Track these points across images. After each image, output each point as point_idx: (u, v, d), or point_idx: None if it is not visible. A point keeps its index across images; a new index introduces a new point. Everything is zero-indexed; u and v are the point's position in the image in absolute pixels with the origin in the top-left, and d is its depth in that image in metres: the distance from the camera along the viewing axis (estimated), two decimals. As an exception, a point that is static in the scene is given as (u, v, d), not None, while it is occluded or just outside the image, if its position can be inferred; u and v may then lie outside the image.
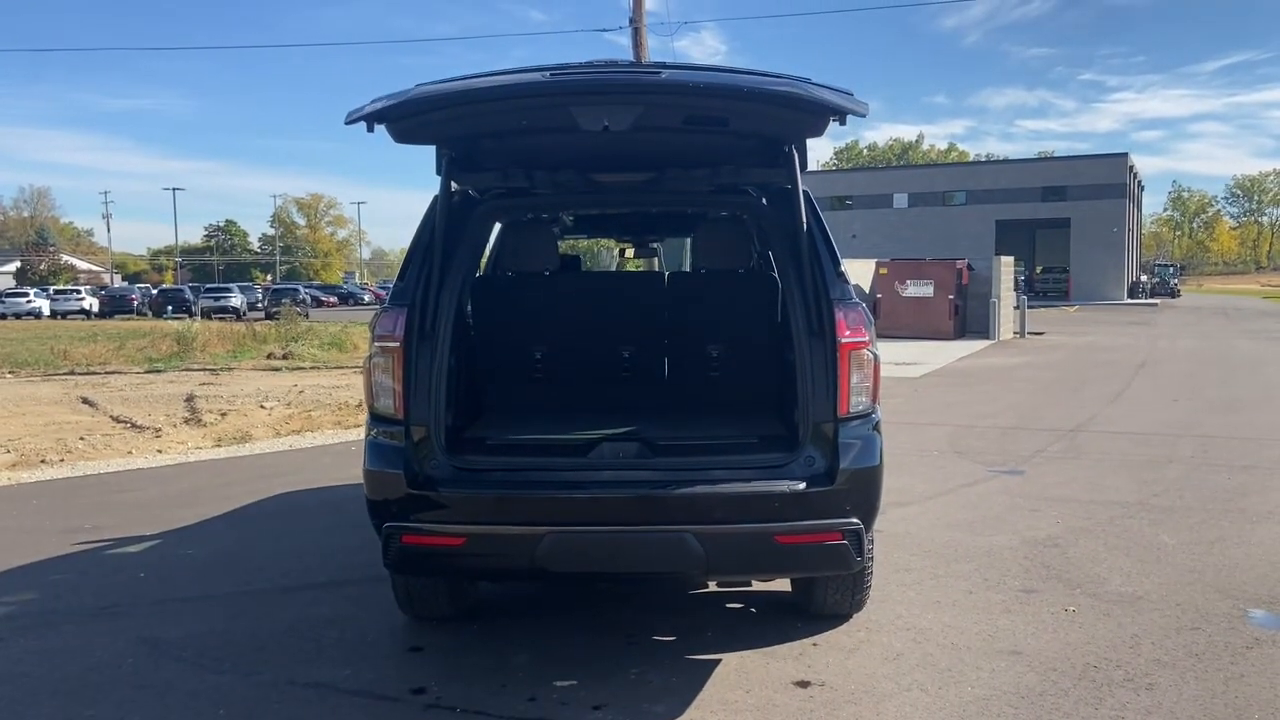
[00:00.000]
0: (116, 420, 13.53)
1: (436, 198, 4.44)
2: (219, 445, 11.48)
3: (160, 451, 11.17)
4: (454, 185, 4.60)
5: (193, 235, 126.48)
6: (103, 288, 69.43)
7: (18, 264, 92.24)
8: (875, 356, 4.30)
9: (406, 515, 4.15)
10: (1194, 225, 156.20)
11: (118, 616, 5.47)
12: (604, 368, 5.32)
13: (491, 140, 4.44)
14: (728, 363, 5.28)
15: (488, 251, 5.88)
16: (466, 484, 4.19)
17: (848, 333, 4.22)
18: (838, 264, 4.37)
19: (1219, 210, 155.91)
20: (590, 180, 4.64)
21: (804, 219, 4.33)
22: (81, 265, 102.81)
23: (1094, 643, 4.85)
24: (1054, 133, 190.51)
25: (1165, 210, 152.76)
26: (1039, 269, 62.63)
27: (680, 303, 5.31)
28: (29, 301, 56.62)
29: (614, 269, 10.97)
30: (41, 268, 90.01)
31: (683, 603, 5.42)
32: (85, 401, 15.22)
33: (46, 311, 55.72)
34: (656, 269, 8.42)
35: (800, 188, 4.36)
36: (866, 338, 4.26)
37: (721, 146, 4.48)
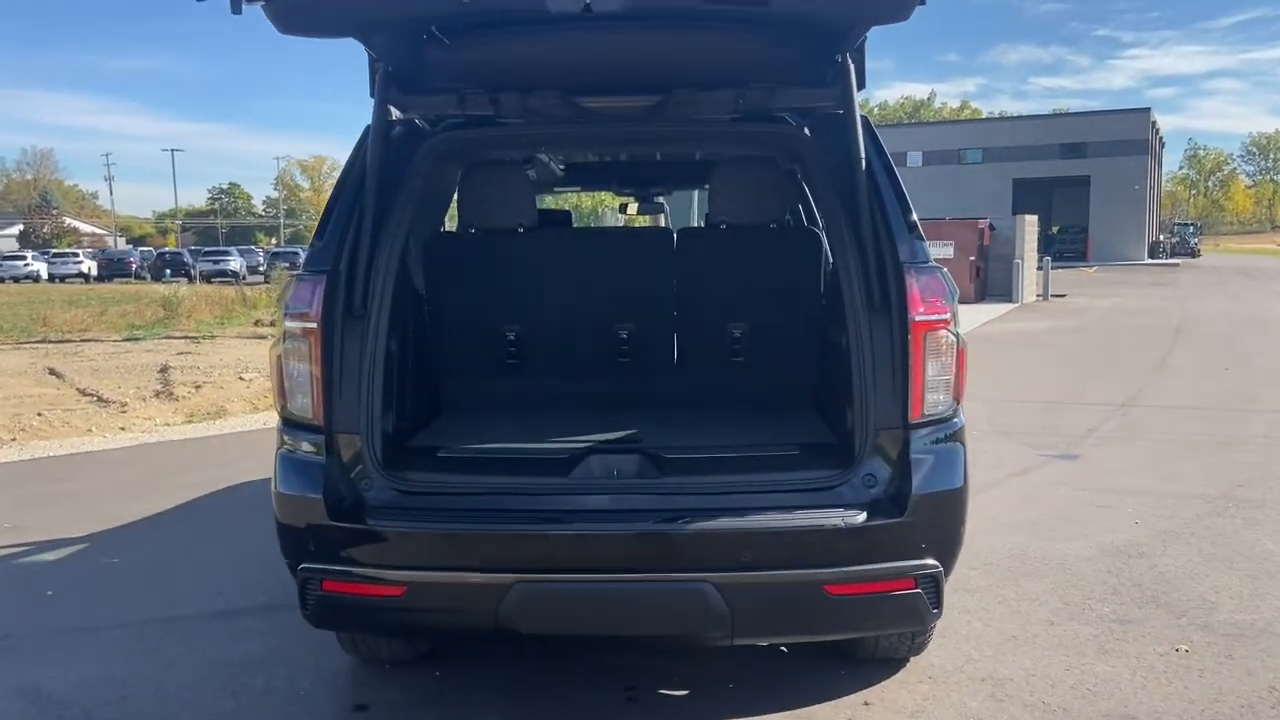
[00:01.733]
0: (83, 393, 12.67)
1: (369, 128, 3.33)
2: (190, 422, 10.59)
3: (123, 429, 10.30)
4: (395, 112, 3.48)
5: (197, 198, 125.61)
6: (103, 251, 68.67)
7: (20, 227, 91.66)
8: (958, 339, 3.20)
9: (328, 555, 3.11)
10: (1209, 184, 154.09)
11: (4, 653, 4.46)
12: (595, 353, 4.22)
13: (438, 49, 3.32)
14: (756, 346, 4.16)
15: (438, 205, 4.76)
16: (408, 514, 3.13)
17: (922, 308, 3.14)
18: (909, 214, 3.26)
19: (1234, 169, 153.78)
20: (574, 106, 3.51)
21: (862, 153, 3.21)
22: (85, 228, 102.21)
23: (1223, 699, 3.81)
24: (1067, 90, 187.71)
25: (1181, 169, 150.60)
26: (1055, 228, 61.19)
27: (694, 268, 4.16)
28: (26, 265, 55.93)
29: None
30: (45, 231, 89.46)
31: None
32: (52, 372, 14.33)
33: (44, 275, 55.03)
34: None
35: (857, 111, 3.25)
36: (947, 314, 3.17)
37: (751, 55, 3.36)
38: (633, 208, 7.06)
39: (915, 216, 3.27)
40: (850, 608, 3.04)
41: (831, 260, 3.65)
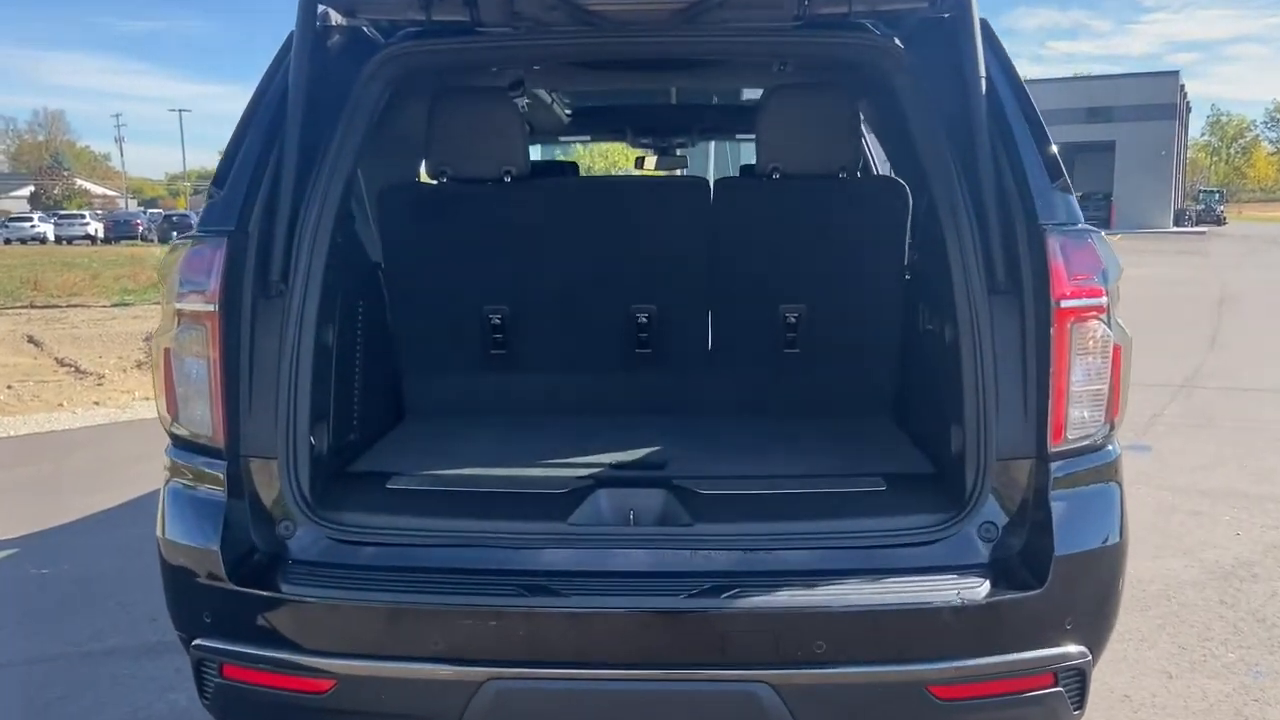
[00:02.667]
0: (60, 364, 11.97)
1: (292, 34, 2.40)
2: (168, 397, 9.72)
3: (97, 404, 9.60)
4: (333, 15, 2.55)
5: (210, 160, 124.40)
6: (110, 213, 68.05)
7: (32, 188, 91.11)
8: (1118, 331, 2.29)
9: (230, 629, 2.24)
10: (1231, 151, 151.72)
11: None
12: (605, 344, 3.28)
13: None
14: (817, 335, 3.21)
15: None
16: (342, 575, 2.23)
17: (1069, 288, 2.22)
18: (1050, 155, 2.32)
19: (1257, 135, 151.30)
20: (576, 6, 2.56)
21: (983, 70, 2.29)
22: (96, 190, 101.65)
23: None
24: (1087, 55, 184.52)
25: (1203, 135, 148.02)
26: (1078, 195, 59.74)
27: (736, 231, 3.17)
28: (33, 226, 55.31)
29: None
30: (55, 192, 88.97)
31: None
32: (31, 341, 13.61)
33: (51, 237, 54.37)
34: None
35: (976, 12, 2.31)
36: (1102, 297, 2.25)
37: None
38: (651, 162, 6.04)
39: (1057, 155, 2.33)
40: (964, 716, 2.14)
41: (925, 221, 2.71)
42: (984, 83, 2.32)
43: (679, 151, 5.61)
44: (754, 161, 5.53)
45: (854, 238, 3.04)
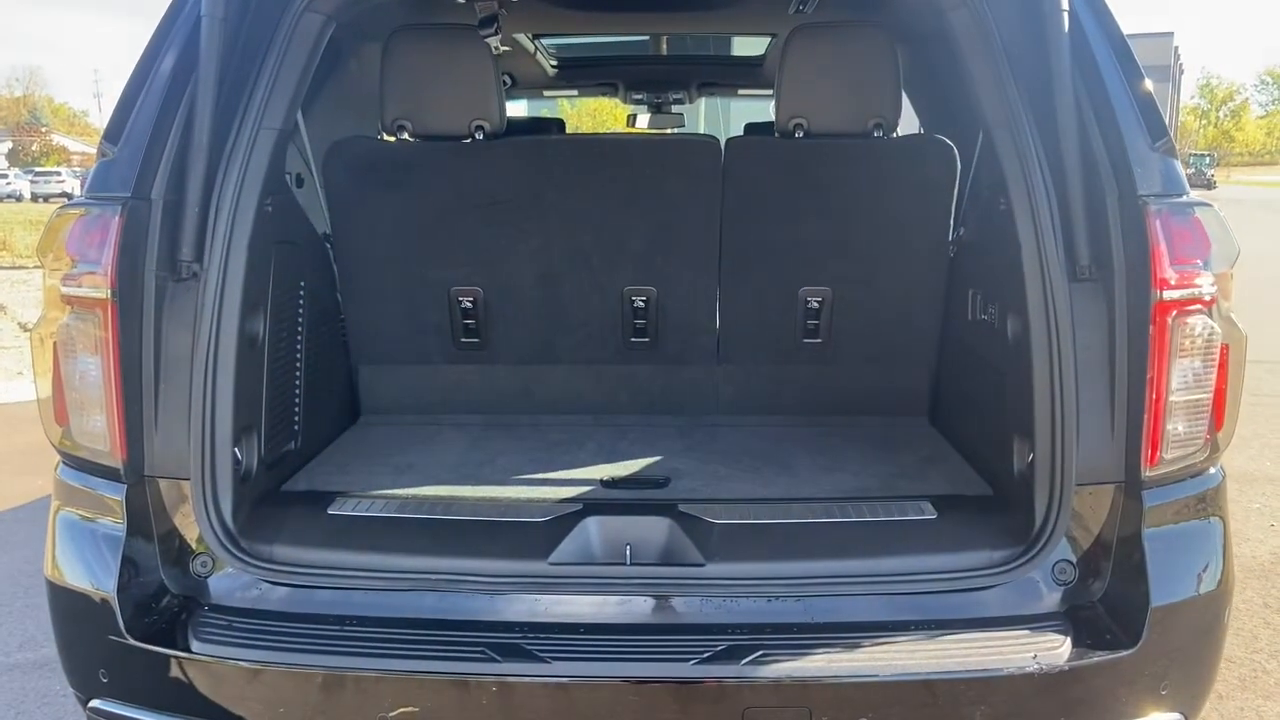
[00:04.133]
0: (24, 329, 11.44)
1: None
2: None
3: None
4: None
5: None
6: (90, 170, 66.82)
7: (9, 145, 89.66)
8: (1227, 327, 1.87)
9: (129, 692, 1.80)
10: (1220, 114, 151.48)
11: None
12: (595, 332, 2.83)
13: None
14: (844, 323, 2.77)
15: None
16: (266, 630, 1.80)
17: (1172, 275, 1.79)
18: (1152, 114, 1.88)
19: (1246, 99, 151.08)
20: None
21: (1065, 4, 1.84)
22: (74, 147, 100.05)
23: None
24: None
25: (1193, 98, 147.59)
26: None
27: (751, 199, 2.69)
28: (8, 184, 54.02)
29: None
30: (34, 149, 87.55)
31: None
32: (-9, 304, 13.02)
33: (27, 195, 53.21)
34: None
35: None
36: (1208, 286, 1.82)
37: None
38: (644, 120, 5.52)
39: (1159, 109, 1.89)
40: None
41: (982, 190, 2.27)
42: (1066, 17, 1.87)
43: (675, 108, 5.11)
44: (761, 120, 5.00)
45: (890, 208, 2.58)
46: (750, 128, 3.98)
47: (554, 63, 4.43)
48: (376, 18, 2.49)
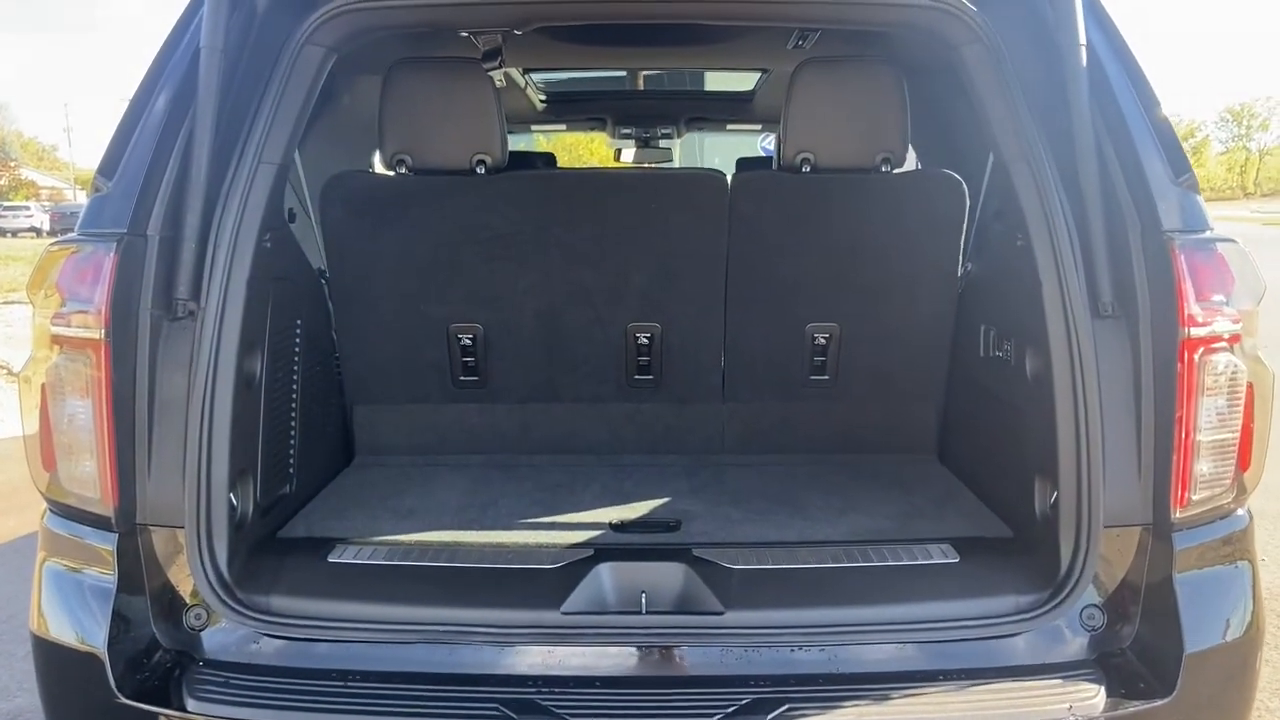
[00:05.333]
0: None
1: None
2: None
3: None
4: None
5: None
6: (56, 205, 66.25)
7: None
8: (1254, 364, 1.84)
9: None
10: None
11: None
12: (599, 369, 2.77)
13: None
14: (852, 360, 2.73)
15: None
16: (264, 686, 1.71)
17: (1198, 312, 1.76)
18: (1172, 146, 1.86)
19: (1207, 135, 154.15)
20: None
21: (1082, 36, 1.83)
22: (44, 182, 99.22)
23: None
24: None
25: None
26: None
27: (758, 235, 2.65)
28: (-23, 218, 53.38)
29: None
30: (1, 183, 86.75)
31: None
32: (-41, 342, 12.74)
33: (-7, 229, 52.59)
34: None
35: None
36: (1234, 321, 1.79)
37: None
38: (629, 155, 5.47)
39: (1180, 143, 1.86)
40: None
41: (993, 223, 2.24)
42: (1084, 51, 1.85)
43: (663, 143, 5.07)
44: (745, 154, 4.95)
45: (898, 243, 2.55)
46: (743, 163, 3.96)
47: (543, 97, 4.40)
48: (375, 51, 2.44)
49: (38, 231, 52.74)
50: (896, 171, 2.48)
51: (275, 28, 2.07)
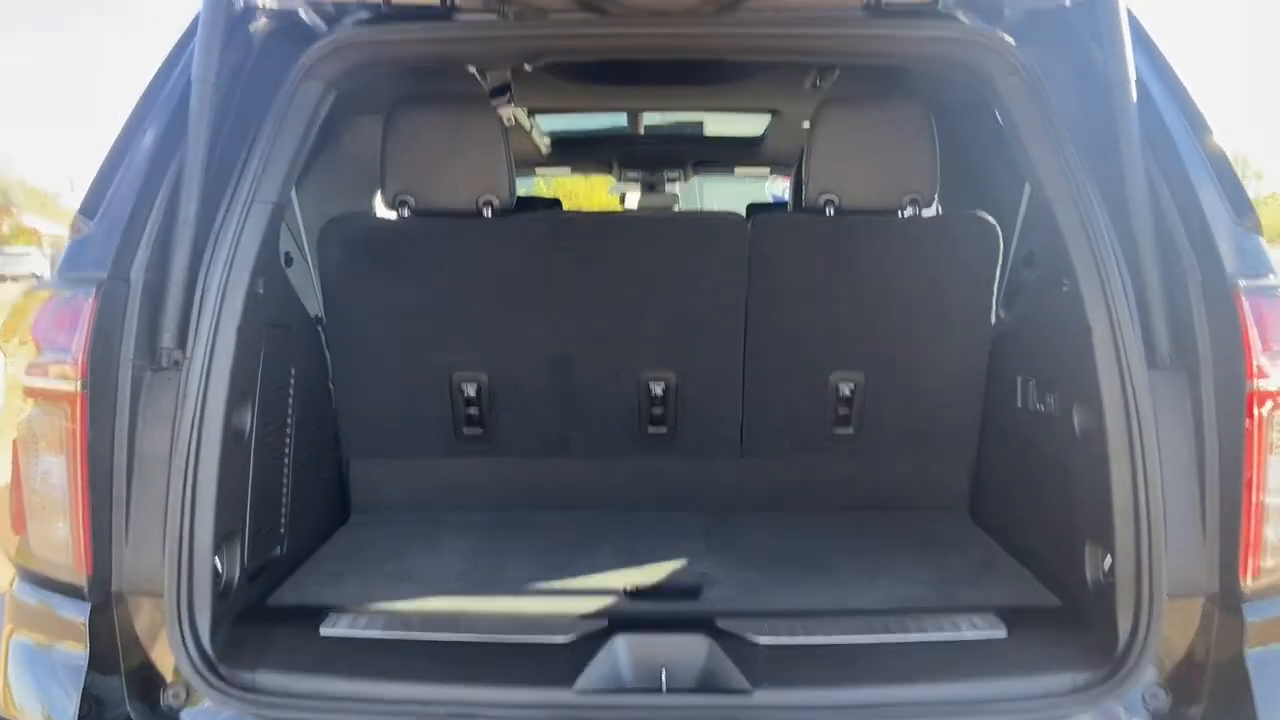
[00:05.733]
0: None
1: (197, 19, 1.78)
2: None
3: None
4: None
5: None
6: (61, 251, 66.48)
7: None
8: None
9: None
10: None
11: None
12: (609, 422, 2.61)
13: None
14: (878, 413, 2.57)
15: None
16: None
17: (1267, 365, 1.62)
18: (1232, 184, 1.74)
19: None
20: None
21: (1131, 73, 1.71)
22: (47, 229, 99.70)
23: None
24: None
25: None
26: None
27: (778, 279, 2.49)
28: (-25, 264, 53.63)
29: None
30: (4, 229, 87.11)
31: None
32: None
33: (-6, 274, 52.77)
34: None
35: None
36: None
37: None
38: (633, 199, 5.35)
39: (1245, 192, 1.74)
40: None
41: (1026, 271, 2.11)
42: (1134, 86, 1.73)
43: (669, 187, 4.96)
44: (752, 200, 4.81)
45: (927, 288, 2.41)
46: (754, 209, 3.84)
47: (547, 139, 4.30)
48: (377, 87, 2.33)
49: (38, 277, 52.99)
50: (925, 213, 2.35)
51: (272, 60, 1.96)
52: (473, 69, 2.45)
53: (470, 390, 2.48)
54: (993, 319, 2.45)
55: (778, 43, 2.07)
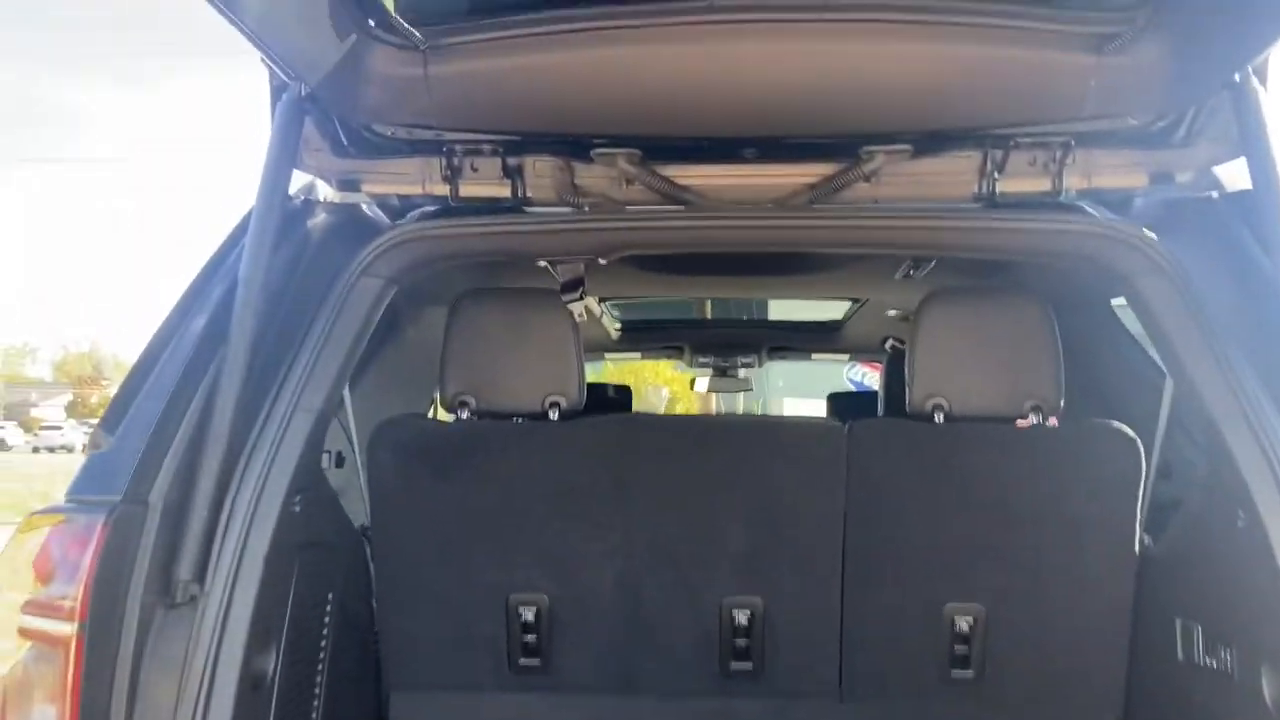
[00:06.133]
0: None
1: (251, 212, 1.65)
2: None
3: None
4: (319, 188, 1.80)
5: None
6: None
7: (70, 397, 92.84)
8: None
9: None
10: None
11: None
12: (686, 653, 2.28)
13: (409, 65, 1.69)
14: (1002, 651, 2.20)
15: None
16: None
17: None
18: None
19: None
20: (667, 182, 1.79)
21: None
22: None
23: None
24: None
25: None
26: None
27: (884, 497, 2.23)
28: (61, 435, 55.84)
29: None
30: (93, 401, 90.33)
31: None
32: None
33: (78, 446, 54.63)
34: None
35: None
36: None
37: (1037, 78, 1.67)
38: (704, 383, 5.18)
39: None
40: None
41: (1176, 492, 1.82)
42: None
43: (743, 373, 4.78)
44: (820, 385, 4.56)
45: (1057, 509, 2.11)
46: (837, 399, 3.60)
47: (618, 325, 4.16)
48: (443, 279, 2.19)
49: (69, 450, 54.54)
50: (1050, 423, 2.09)
51: (328, 255, 1.82)
52: (544, 262, 2.30)
53: (528, 614, 2.20)
54: (1137, 547, 2.12)
55: (873, 235, 1.89)
